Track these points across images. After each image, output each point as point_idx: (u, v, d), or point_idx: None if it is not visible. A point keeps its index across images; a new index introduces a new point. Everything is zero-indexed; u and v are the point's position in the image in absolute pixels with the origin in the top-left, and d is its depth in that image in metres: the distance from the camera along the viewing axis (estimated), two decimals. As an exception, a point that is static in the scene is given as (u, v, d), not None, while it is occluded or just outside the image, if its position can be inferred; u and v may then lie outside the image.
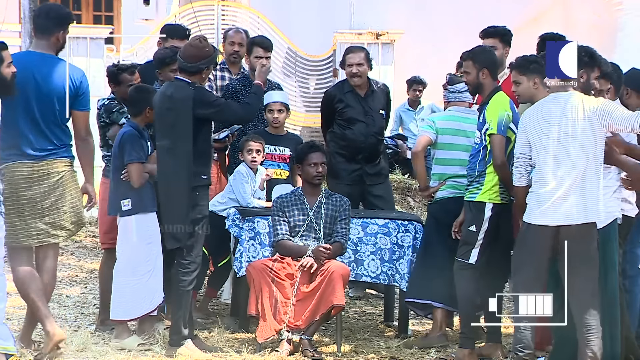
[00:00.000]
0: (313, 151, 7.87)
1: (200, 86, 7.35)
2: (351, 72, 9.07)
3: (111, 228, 7.95)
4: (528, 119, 6.63)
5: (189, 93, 7.21)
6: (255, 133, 8.70)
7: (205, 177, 7.34)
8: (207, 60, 7.29)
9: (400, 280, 8.11)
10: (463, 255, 7.35)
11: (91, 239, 11.43)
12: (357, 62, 9.04)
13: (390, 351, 7.73)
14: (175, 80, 7.37)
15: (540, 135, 6.51)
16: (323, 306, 7.47)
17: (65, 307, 8.89)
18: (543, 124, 6.52)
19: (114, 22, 20.82)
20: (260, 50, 9.04)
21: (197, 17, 15.88)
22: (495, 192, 7.26)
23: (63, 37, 7.12)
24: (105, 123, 7.98)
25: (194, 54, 7.27)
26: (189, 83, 7.26)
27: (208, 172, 7.41)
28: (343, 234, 7.80)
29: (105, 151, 8.06)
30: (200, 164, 7.25)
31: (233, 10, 17.22)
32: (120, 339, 7.54)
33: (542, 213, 6.47)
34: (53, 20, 7.07)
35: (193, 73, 7.27)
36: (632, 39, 16.89)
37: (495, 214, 7.27)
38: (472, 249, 7.31)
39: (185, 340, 7.28)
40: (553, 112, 6.50)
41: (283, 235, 7.75)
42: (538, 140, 6.52)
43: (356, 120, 9.05)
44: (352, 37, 16.18)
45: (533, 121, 6.57)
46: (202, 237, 7.39)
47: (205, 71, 7.32)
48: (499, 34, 8.63)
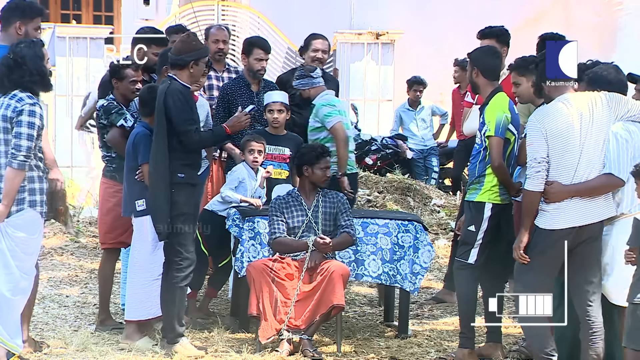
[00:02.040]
0: (325, 156, 7.92)
1: (177, 81, 7.28)
2: (316, 57, 9.20)
3: (111, 228, 7.96)
4: (548, 123, 6.48)
5: (165, 86, 7.27)
6: (255, 133, 8.69)
7: (183, 175, 7.27)
8: (194, 53, 7.29)
9: (401, 281, 8.11)
10: (462, 255, 7.34)
11: (91, 239, 11.43)
12: (324, 49, 9.25)
13: (390, 351, 7.73)
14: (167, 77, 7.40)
15: (562, 138, 6.44)
16: (323, 306, 7.47)
17: (65, 307, 8.89)
18: (564, 127, 6.44)
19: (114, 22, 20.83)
20: (261, 52, 9.06)
21: (197, 17, 15.88)
22: (495, 192, 7.25)
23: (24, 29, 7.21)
24: (104, 124, 7.97)
25: (180, 48, 7.33)
26: (171, 77, 7.30)
27: (189, 172, 7.34)
28: (348, 225, 7.80)
29: (105, 151, 8.06)
30: (178, 162, 7.23)
31: (233, 10, 17.24)
32: (131, 340, 7.50)
33: (568, 215, 6.43)
34: (13, 11, 7.24)
35: (180, 67, 7.28)
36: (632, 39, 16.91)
37: (495, 214, 7.26)
38: (471, 249, 7.29)
39: (180, 338, 7.28)
40: (571, 113, 6.46)
41: (280, 233, 7.75)
42: (561, 143, 6.45)
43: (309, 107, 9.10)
44: (352, 37, 16.19)
45: (553, 125, 6.46)
46: (190, 234, 7.35)
47: (193, 65, 7.29)
48: (495, 34, 8.62)
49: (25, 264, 6.68)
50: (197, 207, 7.64)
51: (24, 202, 6.61)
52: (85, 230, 11.71)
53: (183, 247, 7.30)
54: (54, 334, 7.84)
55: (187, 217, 7.31)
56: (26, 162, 6.55)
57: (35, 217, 6.67)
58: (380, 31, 16.23)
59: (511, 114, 7.28)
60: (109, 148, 7.98)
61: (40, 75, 6.70)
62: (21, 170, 6.55)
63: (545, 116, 6.53)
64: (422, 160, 14.65)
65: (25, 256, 6.65)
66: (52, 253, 10.79)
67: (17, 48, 6.72)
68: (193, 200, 7.45)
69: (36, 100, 6.64)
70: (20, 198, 6.60)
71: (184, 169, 7.29)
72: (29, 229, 6.64)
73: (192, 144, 7.31)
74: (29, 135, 6.55)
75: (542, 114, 6.58)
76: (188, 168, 7.33)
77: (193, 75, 7.38)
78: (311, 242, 7.67)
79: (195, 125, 7.32)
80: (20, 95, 6.63)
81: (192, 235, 7.40)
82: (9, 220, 6.58)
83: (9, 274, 6.60)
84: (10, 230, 6.59)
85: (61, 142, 16.23)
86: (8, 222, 6.58)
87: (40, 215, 6.70)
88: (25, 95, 6.63)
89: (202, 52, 7.39)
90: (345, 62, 16.57)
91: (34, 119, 6.58)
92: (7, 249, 6.58)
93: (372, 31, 16.25)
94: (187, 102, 7.29)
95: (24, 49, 6.70)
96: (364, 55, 16.47)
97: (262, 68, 9.09)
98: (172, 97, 7.24)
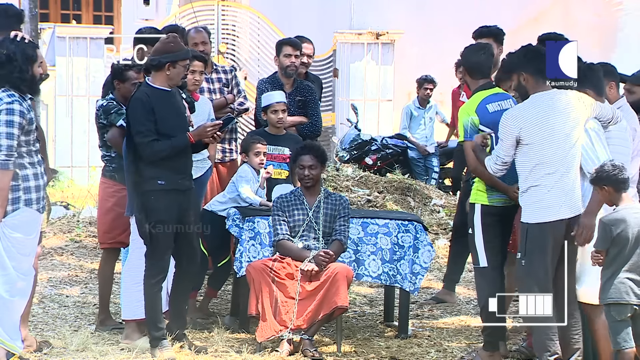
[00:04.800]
0: (304, 153, 7.86)
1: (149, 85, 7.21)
2: (301, 62, 9.30)
3: (110, 228, 7.95)
4: (519, 121, 6.59)
5: (134, 92, 7.27)
6: (255, 134, 8.68)
7: (164, 182, 7.12)
8: (171, 55, 7.16)
9: (402, 281, 8.10)
10: (474, 260, 7.27)
11: (91, 239, 11.43)
12: (308, 54, 9.40)
13: (390, 351, 7.73)
14: None
15: (542, 133, 6.53)
16: (326, 306, 7.47)
17: (65, 307, 8.88)
18: (543, 123, 6.54)
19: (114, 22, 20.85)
20: (289, 49, 9.11)
21: (197, 17, 15.89)
22: (482, 193, 7.18)
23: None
24: (103, 124, 7.96)
25: (157, 49, 7.23)
26: (146, 81, 7.25)
27: (171, 177, 7.14)
28: (341, 231, 7.80)
29: (104, 151, 8.05)
30: (157, 169, 7.11)
31: (233, 10, 17.25)
32: (130, 339, 7.49)
33: (554, 208, 6.51)
34: (13, 18, 7.34)
35: (157, 68, 7.19)
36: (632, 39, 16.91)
37: (486, 214, 7.19)
38: (477, 253, 7.23)
39: (159, 341, 7.17)
40: (550, 109, 6.55)
41: (283, 235, 7.75)
42: (540, 139, 6.53)
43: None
44: (352, 37, 16.21)
45: (528, 122, 6.57)
46: (160, 242, 7.16)
47: (169, 67, 7.16)
48: (492, 34, 8.60)
49: (23, 265, 6.66)
50: (186, 212, 7.32)
51: (19, 201, 6.59)
52: (85, 230, 11.71)
53: (157, 254, 7.19)
54: (54, 334, 7.84)
55: (166, 225, 7.15)
56: (8, 161, 6.48)
57: (31, 215, 6.65)
58: (380, 31, 16.25)
59: (481, 113, 7.16)
60: (109, 148, 7.97)
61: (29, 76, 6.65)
62: (5, 170, 6.51)
63: (514, 116, 6.63)
64: (422, 160, 14.66)
65: (22, 257, 6.63)
66: (52, 253, 10.78)
67: (7, 43, 6.69)
68: (178, 206, 7.21)
69: (16, 98, 6.54)
70: (16, 197, 6.57)
71: (164, 175, 7.13)
72: (26, 229, 6.63)
73: (146, 155, 7.12)
74: (8, 134, 6.47)
75: (518, 110, 6.70)
76: (170, 173, 7.16)
77: (170, 78, 7.20)
78: (311, 256, 7.66)
79: (149, 137, 7.06)
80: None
81: (166, 243, 7.20)
82: (5, 220, 6.55)
83: (6, 275, 6.58)
84: (7, 231, 6.56)
85: (61, 142, 16.25)
86: (4, 222, 6.55)
87: (37, 212, 6.68)
88: (6, 94, 6.57)
89: (180, 54, 7.20)
90: (345, 62, 16.59)
91: (13, 116, 6.49)
92: (3, 249, 6.56)
93: (372, 31, 16.27)
94: (145, 110, 7.10)
95: (13, 46, 6.66)
96: (364, 55, 16.49)
97: (291, 64, 9.08)
98: (131, 105, 7.19)
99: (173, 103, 7.28)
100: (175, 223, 7.23)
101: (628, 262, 6.24)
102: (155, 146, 7.09)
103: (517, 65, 6.83)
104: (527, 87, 6.72)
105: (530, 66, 6.68)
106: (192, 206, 7.41)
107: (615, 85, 7.21)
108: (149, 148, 7.08)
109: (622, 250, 6.23)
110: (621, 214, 6.27)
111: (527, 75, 6.71)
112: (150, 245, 7.17)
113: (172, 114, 7.24)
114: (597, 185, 6.34)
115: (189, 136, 7.20)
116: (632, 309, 6.23)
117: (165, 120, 7.18)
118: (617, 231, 6.22)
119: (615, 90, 7.21)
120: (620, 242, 6.23)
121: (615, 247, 6.24)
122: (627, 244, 6.23)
